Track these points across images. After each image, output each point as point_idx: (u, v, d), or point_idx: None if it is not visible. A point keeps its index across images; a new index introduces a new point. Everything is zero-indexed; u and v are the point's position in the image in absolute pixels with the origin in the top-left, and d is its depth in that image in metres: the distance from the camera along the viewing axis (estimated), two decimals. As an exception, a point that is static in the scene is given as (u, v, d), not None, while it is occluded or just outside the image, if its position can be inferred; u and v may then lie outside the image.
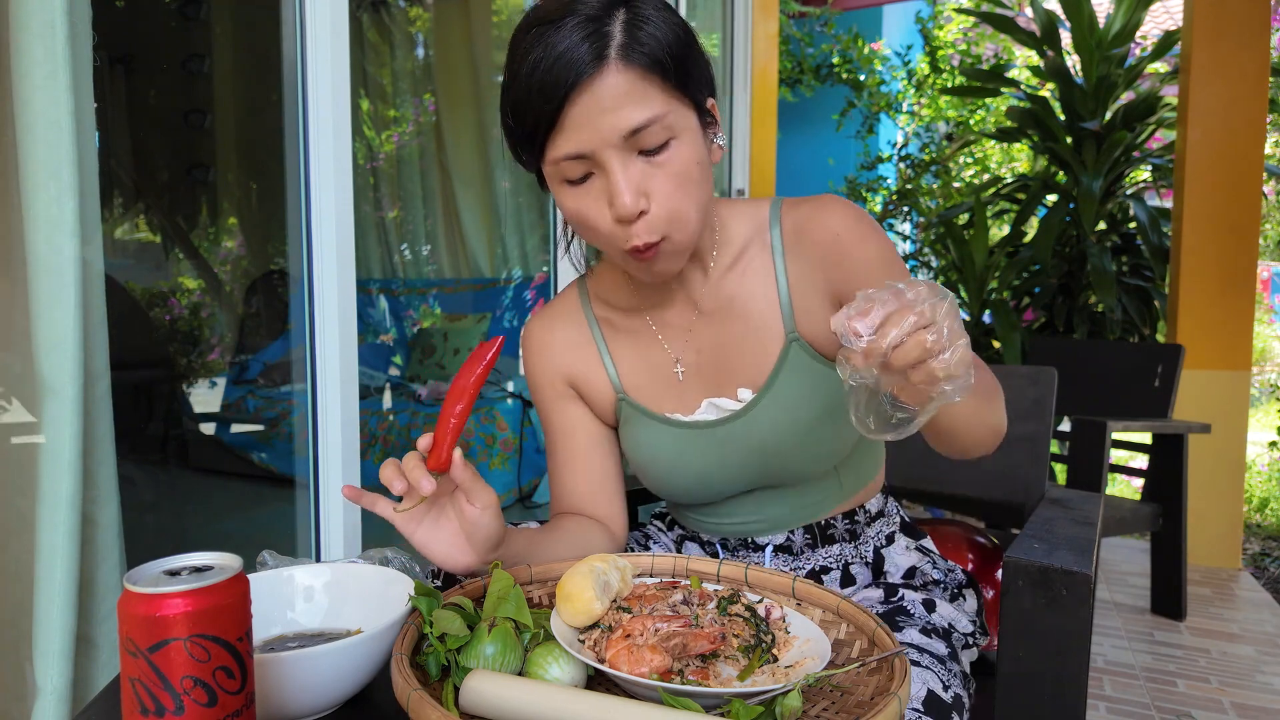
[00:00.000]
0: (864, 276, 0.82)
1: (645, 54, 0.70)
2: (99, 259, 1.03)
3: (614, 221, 0.74)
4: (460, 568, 0.73)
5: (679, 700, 0.54)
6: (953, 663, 0.78)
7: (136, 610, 0.49)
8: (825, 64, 5.80)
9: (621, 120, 0.70)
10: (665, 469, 0.91)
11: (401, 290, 4.40)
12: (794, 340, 0.85)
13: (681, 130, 0.74)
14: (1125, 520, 2.39)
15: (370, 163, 4.43)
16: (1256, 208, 2.93)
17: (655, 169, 0.73)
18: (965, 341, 0.58)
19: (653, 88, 0.71)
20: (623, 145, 0.71)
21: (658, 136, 0.72)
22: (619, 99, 0.70)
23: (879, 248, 0.83)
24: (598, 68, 0.69)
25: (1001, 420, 0.81)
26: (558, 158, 0.73)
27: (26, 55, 0.92)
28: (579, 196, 0.75)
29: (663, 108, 0.72)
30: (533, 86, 0.70)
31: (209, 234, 4.61)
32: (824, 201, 0.86)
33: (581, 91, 0.69)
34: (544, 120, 0.71)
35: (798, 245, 0.86)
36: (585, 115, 0.70)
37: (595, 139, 0.71)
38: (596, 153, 0.71)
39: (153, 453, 3.69)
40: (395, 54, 4.42)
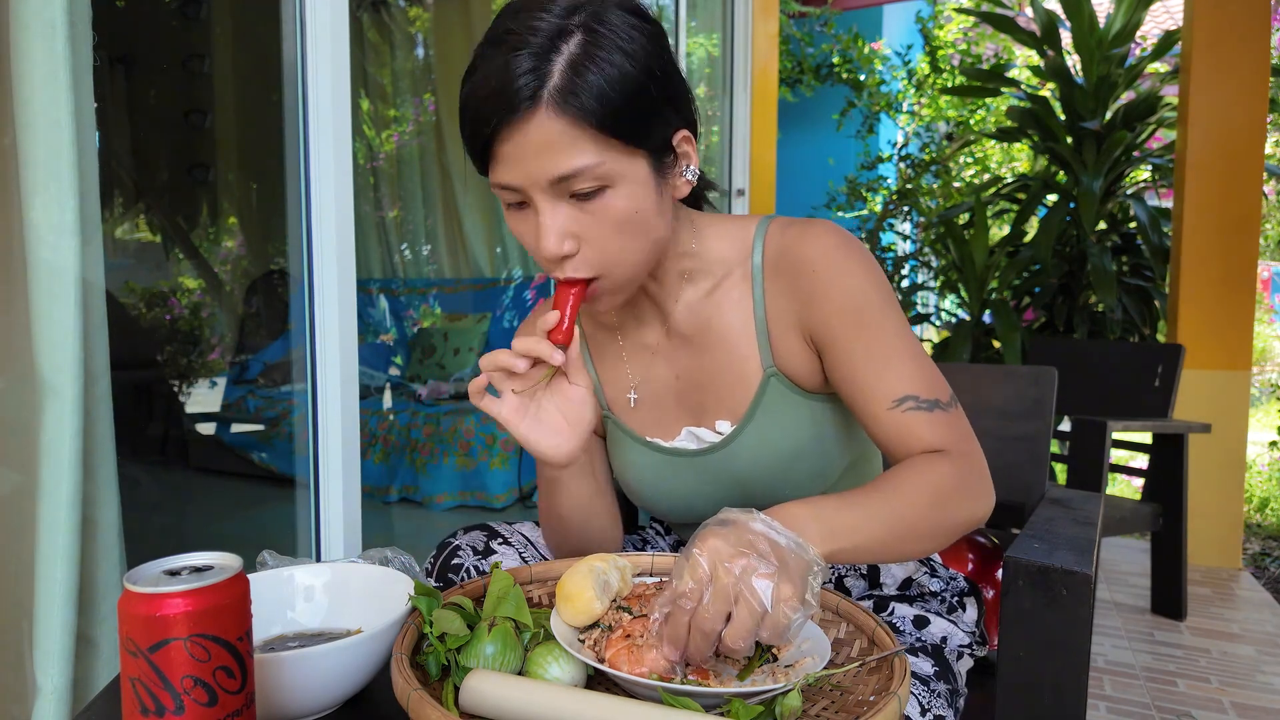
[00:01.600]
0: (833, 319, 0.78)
1: (579, 105, 0.66)
2: (99, 259, 1.03)
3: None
4: (565, 455, 0.75)
5: (679, 700, 0.54)
6: (939, 682, 0.77)
7: (137, 610, 0.49)
8: (825, 64, 5.80)
9: (547, 167, 0.67)
10: (649, 491, 0.90)
11: (402, 290, 4.40)
12: (772, 374, 0.82)
13: (619, 179, 0.70)
14: (1125, 520, 2.39)
15: (370, 162, 4.43)
16: (1256, 208, 2.93)
17: (588, 215, 0.70)
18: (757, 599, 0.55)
19: (585, 137, 0.67)
20: (550, 189, 0.69)
21: (589, 183, 0.69)
22: (546, 146, 0.67)
23: (860, 286, 0.78)
24: (529, 110, 0.66)
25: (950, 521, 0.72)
26: (494, 183, 0.72)
27: (27, 55, 0.92)
28: (518, 220, 0.74)
29: (595, 158, 0.68)
30: (470, 109, 0.69)
31: (209, 234, 4.62)
32: (808, 227, 0.81)
33: (512, 129, 0.67)
34: (478, 147, 0.70)
35: (775, 273, 0.81)
36: (515, 153, 0.68)
37: (523, 178, 0.69)
38: (525, 189, 0.69)
39: (153, 453, 3.69)
40: (395, 54, 4.42)
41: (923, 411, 0.75)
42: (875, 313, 0.78)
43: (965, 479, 0.73)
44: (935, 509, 0.71)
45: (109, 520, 1.05)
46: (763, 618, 0.55)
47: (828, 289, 0.78)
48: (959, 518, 0.72)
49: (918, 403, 0.75)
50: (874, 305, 0.78)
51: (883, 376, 0.76)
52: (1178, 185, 3.05)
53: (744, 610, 0.54)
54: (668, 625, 0.57)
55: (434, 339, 4.02)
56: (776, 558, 0.56)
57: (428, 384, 3.73)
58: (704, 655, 0.56)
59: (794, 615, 0.55)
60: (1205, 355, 2.94)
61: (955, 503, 0.72)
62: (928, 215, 5.03)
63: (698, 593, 0.55)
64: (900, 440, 0.76)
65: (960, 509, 0.72)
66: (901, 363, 0.77)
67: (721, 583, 0.55)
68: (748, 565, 0.55)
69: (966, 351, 3.50)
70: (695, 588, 0.56)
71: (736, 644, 0.55)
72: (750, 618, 0.54)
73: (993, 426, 1.22)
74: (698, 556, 0.56)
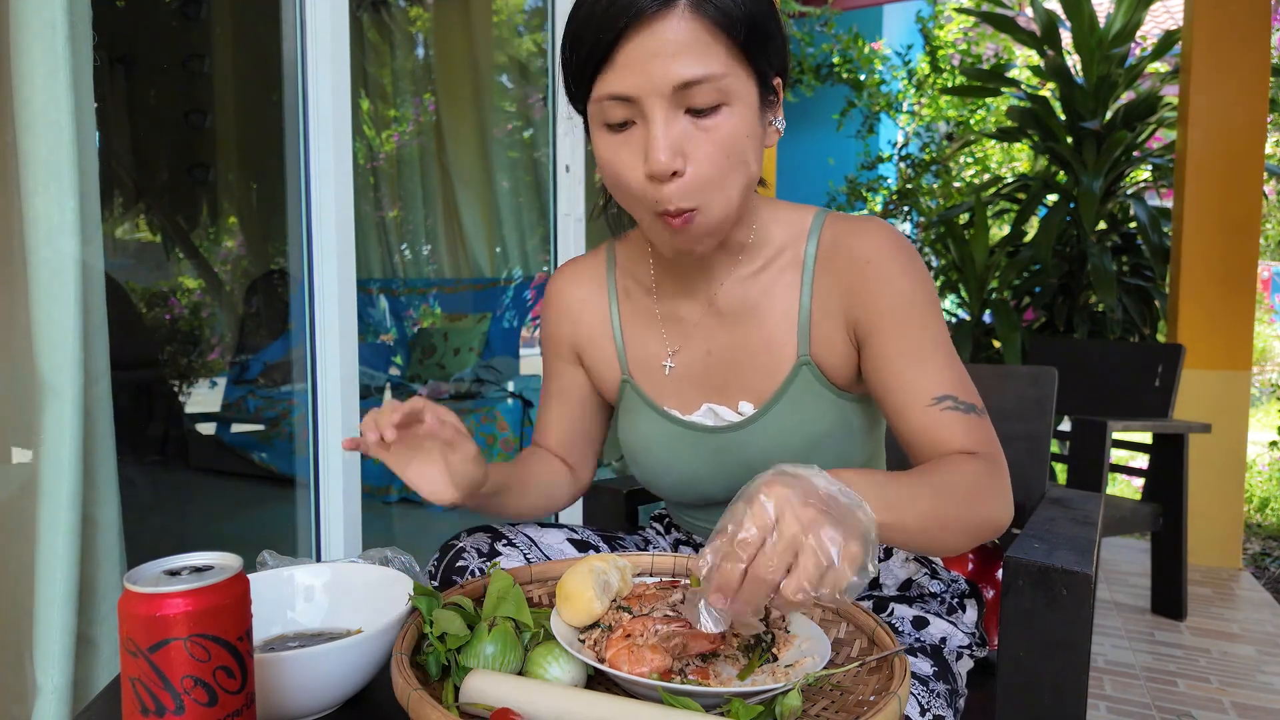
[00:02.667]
0: (882, 314, 0.78)
1: (719, 8, 0.66)
2: (99, 259, 1.03)
3: (645, 178, 0.70)
4: (445, 501, 0.77)
5: (679, 700, 0.54)
6: (938, 682, 0.77)
7: (137, 610, 0.49)
8: (825, 64, 5.79)
9: (675, 70, 0.66)
10: (656, 462, 0.90)
11: (402, 290, 4.40)
12: (805, 363, 0.83)
13: (737, 98, 0.69)
14: (1125, 520, 2.39)
15: (370, 162, 4.43)
16: (1256, 207, 2.93)
17: (700, 132, 0.69)
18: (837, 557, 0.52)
19: (717, 45, 0.67)
20: (670, 97, 0.67)
21: (710, 97, 0.68)
22: (678, 47, 0.66)
23: (911, 287, 0.78)
24: (664, 8, 0.65)
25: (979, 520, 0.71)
26: (602, 95, 0.69)
27: (27, 55, 0.92)
28: (615, 145, 0.71)
29: (722, 69, 0.67)
30: (595, 13, 0.67)
31: (209, 234, 4.61)
32: (866, 223, 0.82)
33: (640, 30, 0.66)
34: (597, 52, 0.68)
35: (829, 264, 0.82)
36: (639, 56, 0.66)
37: (644, 83, 0.67)
38: (642, 98, 0.67)
39: (153, 453, 3.69)
40: (395, 54, 4.42)
41: (960, 413, 0.75)
42: (922, 313, 0.78)
43: (996, 483, 0.73)
44: (969, 505, 0.70)
45: (109, 520, 1.05)
46: (827, 571, 0.51)
47: (879, 283, 0.78)
48: (987, 519, 0.72)
49: (956, 403, 0.76)
50: (922, 306, 0.78)
51: (925, 374, 0.77)
52: (1178, 185, 3.05)
53: (809, 561, 0.51)
54: (717, 572, 0.53)
55: (434, 339, 4.03)
56: (840, 515, 0.54)
57: (428, 384, 3.73)
58: (756, 607, 0.53)
59: (855, 576, 0.52)
60: (1205, 355, 2.94)
61: (987, 503, 0.72)
62: (928, 215, 5.03)
63: (758, 539, 0.52)
64: (933, 438, 0.75)
65: (989, 510, 0.72)
66: (944, 364, 0.77)
67: (789, 531, 0.51)
68: (816, 517, 0.52)
69: (966, 351, 3.50)
70: (757, 534, 0.52)
71: (795, 596, 0.51)
72: (815, 569, 0.51)
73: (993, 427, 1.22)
74: (764, 501, 0.53)
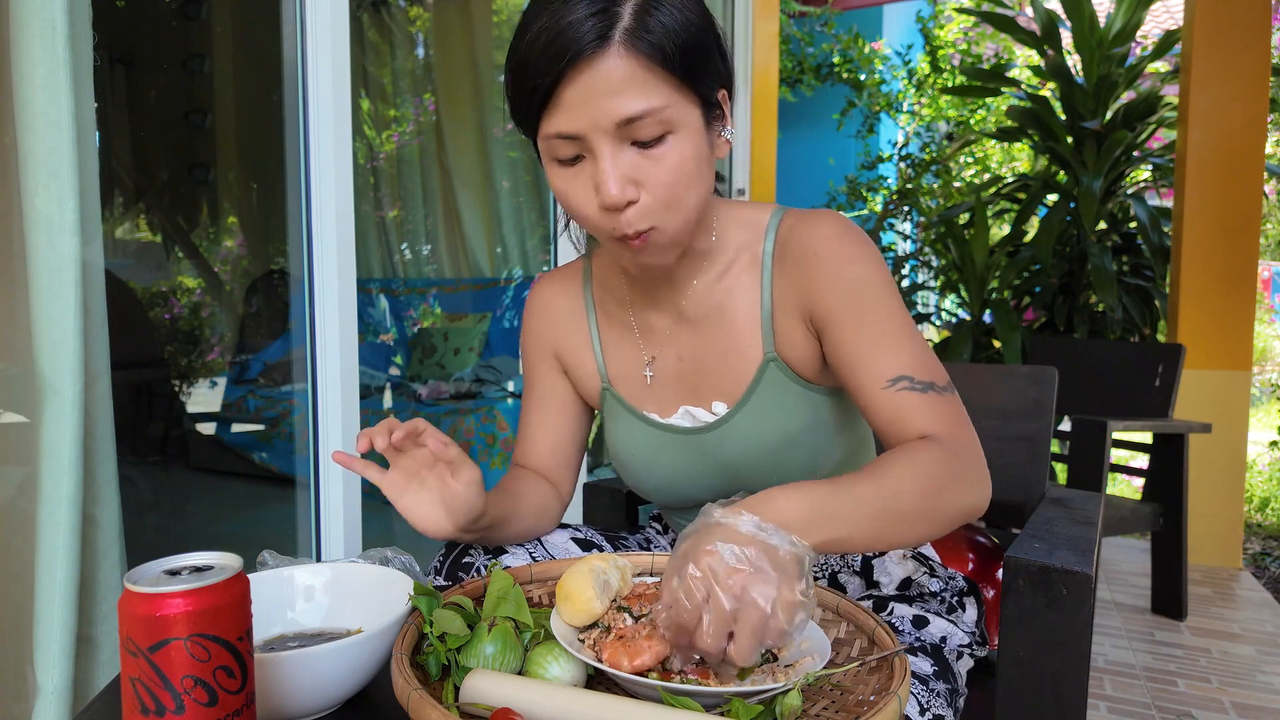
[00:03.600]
0: (834, 303, 0.79)
1: (652, 42, 0.67)
2: (99, 259, 1.03)
3: (600, 209, 0.72)
4: (438, 534, 0.77)
5: (679, 700, 0.54)
6: (938, 681, 0.77)
7: (137, 610, 0.49)
8: (825, 64, 5.79)
9: (616, 107, 0.68)
10: (640, 466, 0.92)
11: (402, 290, 4.40)
12: (771, 359, 0.84)
13: (680, 125, 0.71)
14: (1126, 520, 2.39)
15: (370, 162, 4.43)
16: (1257, 207, 2.93)
17: (648, 161, 0.71)
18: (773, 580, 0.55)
19: (654, 78, 0.68)
20: (615, 133, 0.69)
21: (653, 130, 0.69)
22: (617, 84, 0.67)
23: (861, 273, 0.79)
24: (599, 49, 0.67)
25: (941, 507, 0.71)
26: (549, 134, 0.71)
27: (27, 55, 0.92)
28: (568, 178, 0.73)
29: (662, 100, 0.69)
30: (532, 56, 0.68)
31: (209, 234, 4.61)
32: (815, 216, 0.83)
33: (579, 71, 0.67)
34: (539, 93, 0.69)
35: (782, 260, 0.83)
36: (580, 96, 0.68)
37: (587, 122, 0.68)
38: (587, 136, 0.69)
39: (153, 452, 3.69)
40: (395, 54, 4.42)
41: (916, 392, 0.75)
42: (875, 296, 0.78)
43: (958, 467, 0.72)
44: (927, 496, 0.69)
45: (109, 520, 1.05)
46: (765, 629, 0.55)
47: (829, 272, 0.79)
48: (954, 506, 0.71)
49: (912, 383, 0.75)
50: (874, 289, 0.79)
51: (879, 356, 0.76)
52: (1178, 185, 3.05)
53: (745, 628, 0.55)
54: (674, 647, 0.58)
55: (434, 339, 4.02)
56: (771, 562, 0.56)
57: (428, 384, 3.73)
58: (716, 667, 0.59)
59: (796, 619, 0.55)
60: (1205, 355, 2.94)
61: (949, 490, 0.71)
62: (928, 215, 5.03)
63: (695, 617, 0.56)
64: (894, 422, 0.75)
65: (954, 497, 0.71)
66: (898, 344, 0.77)
67: (719, 607, 0.55)
68: (746, 579, 0.55)
69: (966, 351, 3.50)
70: (693, 611, 0.56)
71: (745, 661, 0.55)
72: (754, 636, 0.55)
73: (993, 426, 1.22)
74: (693, 576, 0.56)
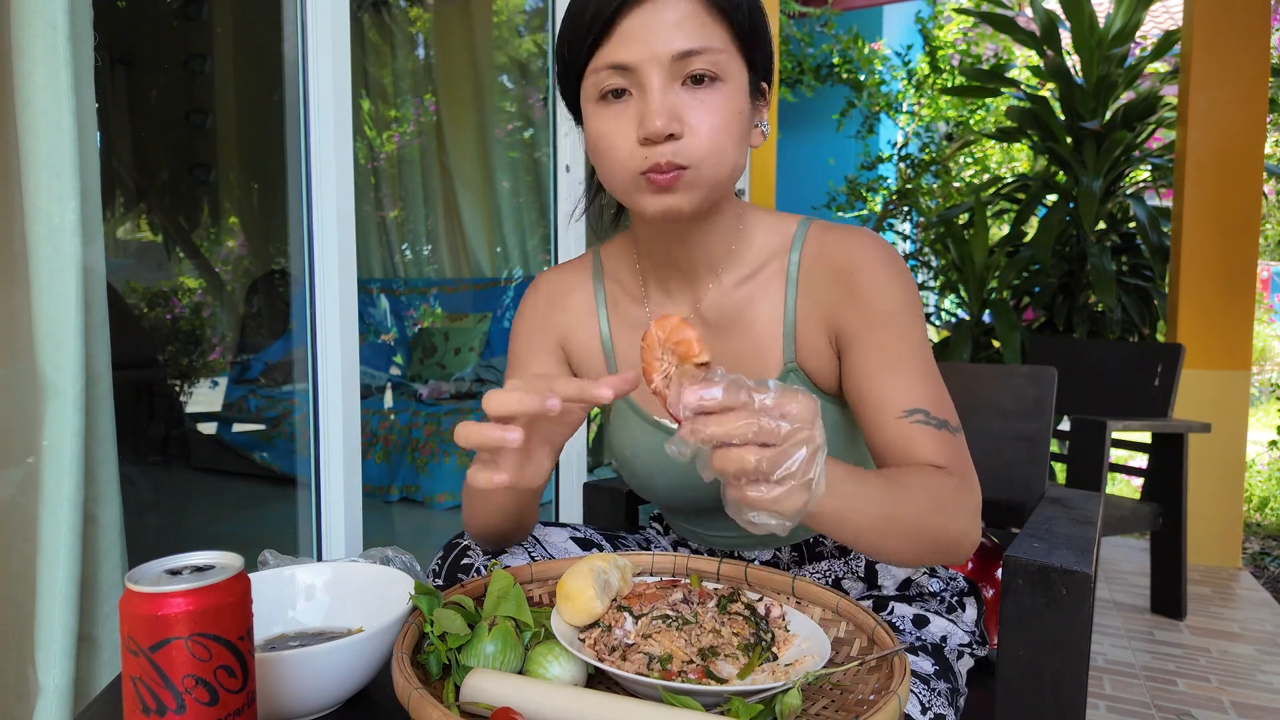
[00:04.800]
0: (861, 325, 0.78)
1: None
2: (100, 259, 1.04)
3: (638, 143, 0.71)
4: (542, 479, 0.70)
5: (679, 699, 0.54)
6: (939, 680, 0.77)
7: (138, 609, 0.49)
8: (825, 64, 5.79)
9: (676, 39, 0.69)
10: (648, 470, 0.89)
11: (402, 290, 4.40)
12: (792, 369, 0.83)
13: (732, 78, 0.72)
14: (1125, 519, 2.39)
15: (371, 162, 4.43)
16: (1256, 207, 2.93)
17: (697, 102, 0.71)
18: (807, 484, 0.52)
19: (715, 22, 0.70)
20: (669, 66, 0.69)
21: (707, 68, 0.70)
22: (679, 19, 0.69)
23: (893, 299, 0.78)
24: None
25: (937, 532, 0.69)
26: (601, 65, 0.71)
27: (28, 55, 0.93)
28: (610, 116, 0.72)
29: (719, 44, 0.70)
30: None
31: (210, 234, 4.62)
32: (854, 234, 0.82)
33: (641, 4, 0.69)
34: (598, 24, 0.70)
35: (813, 273, 0.82)
36: (641, 26, 0.69)
37: (645, 52, 0.69)
38: (640, 66, 0.69)
39: (154, 452, 3.69)
40: (396, 54, 4.42)
41: (931, 427, 0.74)
42: (903, 326, 0.78)
43: (964, 501, 0.72)
44: (932, 514, 0.68)
45: (110, 519, 1.05)
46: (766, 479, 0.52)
47: (862, 292, 0.78)
48: (947, 533, 0.70)
49: (928, 418, 0.75)
50: (903, 318, 0.78)
51: (898, 385, 0.76)
52: (1177, 185, 3.05)
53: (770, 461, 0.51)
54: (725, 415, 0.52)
55: (435, 339, 4.03)
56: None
57: (428, 384, 3.73)
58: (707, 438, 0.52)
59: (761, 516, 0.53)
60: (1205, 355, 2.94)
61: (950, 517, 0.70)
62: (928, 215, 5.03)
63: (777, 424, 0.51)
64: (901, 450, 0.74)
65: (951, 525, 0.70)
66: (920, 377, 0.76)
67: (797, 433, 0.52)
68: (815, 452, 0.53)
69: (966, 351, 3.51)
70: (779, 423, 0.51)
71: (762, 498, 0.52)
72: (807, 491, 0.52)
73: (993, 426, 1.22)
74: (805, 405, 0.53)
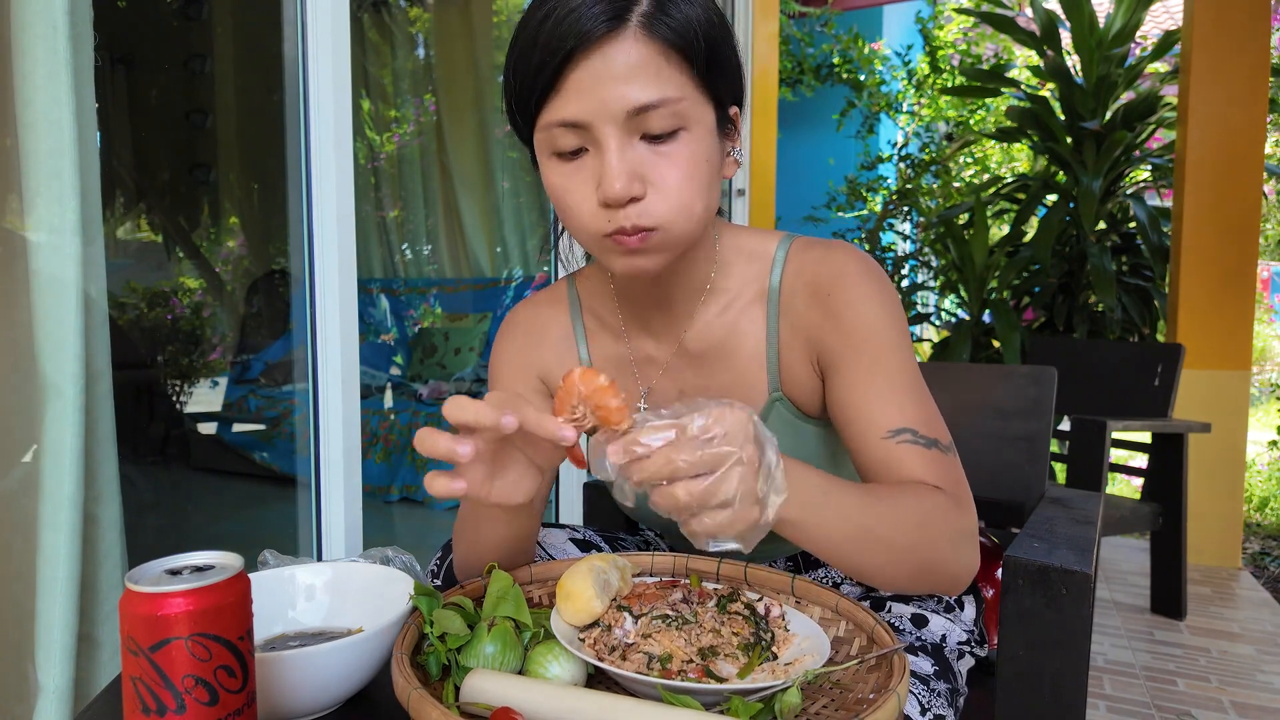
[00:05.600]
0: (843, 345, 0.74)
1: (672, 28, 0.63)
2: (101, 259, 1.04)
3: (598, 205, 0.66)
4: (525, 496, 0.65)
5: (679, 698, 0.54)
6: (938, 681, 0.77)
7: (138, 609, 0.49)
8: (825, 64, 5.80)
9: (629, 94, 0.62)
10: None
11: (402, 290, 4.40)
12: (777, 399, 0.80)
13: (695, 123, 0.66)
14: (1125, 519, 2.39)
15: (371, 163, 4.44)
16: (1256, 207, 2.93)
17: (658, 157, 0.65)
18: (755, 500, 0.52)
19: (672, 68, 0.64)
20: (624, 123, 0.64)
21: (666, 122, 0.64)
22: (631, 70, 0.62)
23: (874, 316, 0.74)
24: (614, 30, 0.62)
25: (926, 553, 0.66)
26: (551, 122, 0.65)
27: (28, 55, 0.93)
28: (567, 174, 0.67)
29: (678, 92, 0.64)
30: (539, 38, 0.63)
31: (210, 234, 4.62)
32: (831, 249, 0.78)
33: (590, 53, 0.62)
34: (544, 77, 0.64)
35: (793, 295, 0.78)
36: (590, 80, 0.63)
37: (595, 108, 0.63)
38: (594, 125, 0.64)
39: (154, 452, 3.70)
40: (396, 54, 4.42)
41: (919, 446, 0.71)
42: (885, 343, 0.74)
43: (957, 520, 0.68)
44: (919, 530, 0.65)
45: (110, 519, 1.05)
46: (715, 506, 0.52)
47: (841, 311, 0.74)
48: (938, 554, 0.66)
49: (915, 437, 0.71)
50: (885, 335, 0.74)
51: (883, 405, 0.72)
52: (1177, 185, 3.05)
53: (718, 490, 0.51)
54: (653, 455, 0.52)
55: (435, 339, 4.03)
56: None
57: (429, 383, 3.74)
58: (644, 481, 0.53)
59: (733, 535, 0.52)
60: (1205, 355, 2.94)
61: (943, 538, 0.66)
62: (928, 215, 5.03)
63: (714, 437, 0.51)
64: (890, 473, 0.71)
65: (942, 544, 0.66)
66: (905, 395, 0.73)
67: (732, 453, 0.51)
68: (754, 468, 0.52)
69: (966, 351, 3.51)
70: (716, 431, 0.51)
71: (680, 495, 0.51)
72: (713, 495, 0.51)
73: (993, 426, 1.22)
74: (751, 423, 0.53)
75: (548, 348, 0.87)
